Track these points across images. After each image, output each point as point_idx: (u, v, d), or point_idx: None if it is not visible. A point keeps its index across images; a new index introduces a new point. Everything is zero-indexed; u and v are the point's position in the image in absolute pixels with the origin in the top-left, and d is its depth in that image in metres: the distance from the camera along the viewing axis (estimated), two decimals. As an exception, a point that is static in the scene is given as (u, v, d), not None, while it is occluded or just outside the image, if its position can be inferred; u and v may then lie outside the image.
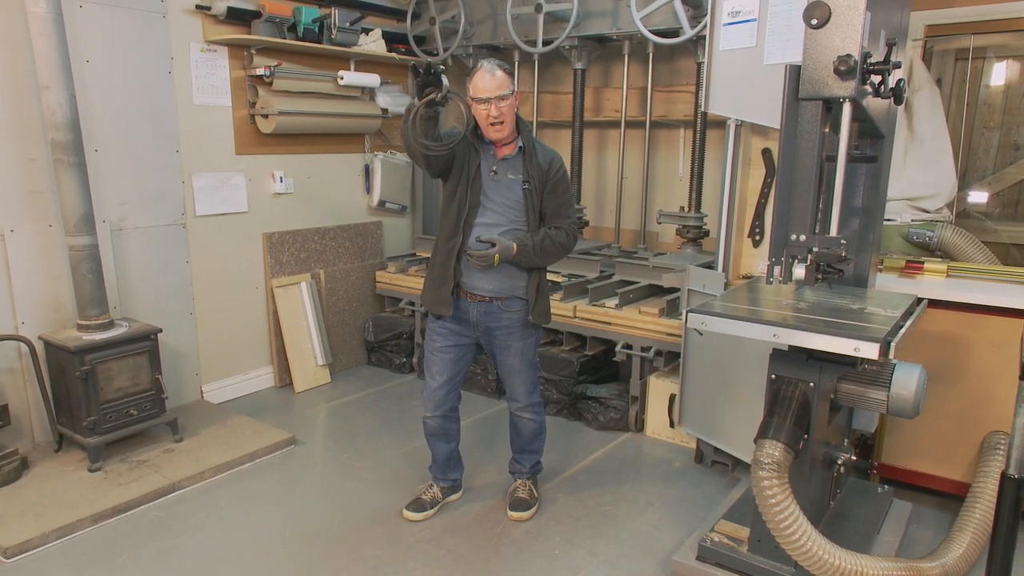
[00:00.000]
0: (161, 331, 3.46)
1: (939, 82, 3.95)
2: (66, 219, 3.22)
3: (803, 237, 2.08)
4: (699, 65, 3.77)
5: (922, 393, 2.30)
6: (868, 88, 2.07)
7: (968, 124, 4.07)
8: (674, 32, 3.71)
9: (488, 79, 2.54)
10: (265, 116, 4.08)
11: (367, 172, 4.80)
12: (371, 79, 4.47)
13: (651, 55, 4.07)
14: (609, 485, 3.26)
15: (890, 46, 2.11)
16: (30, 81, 3.18)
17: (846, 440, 2.76)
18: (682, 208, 4.05)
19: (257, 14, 3.89)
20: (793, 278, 2.11)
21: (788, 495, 2.19)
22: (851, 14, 1.94)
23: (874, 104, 2.26)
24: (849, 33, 1.95)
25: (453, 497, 3.10)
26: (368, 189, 4.82)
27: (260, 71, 4.00)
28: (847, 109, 2.03)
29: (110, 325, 3.34)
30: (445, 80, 2.42)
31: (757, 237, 3.24)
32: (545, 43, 4.14)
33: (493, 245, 2.59)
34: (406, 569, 2.62)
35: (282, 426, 3.76)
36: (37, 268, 3.33)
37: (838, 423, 2.59)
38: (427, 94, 2.42)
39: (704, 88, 3.11)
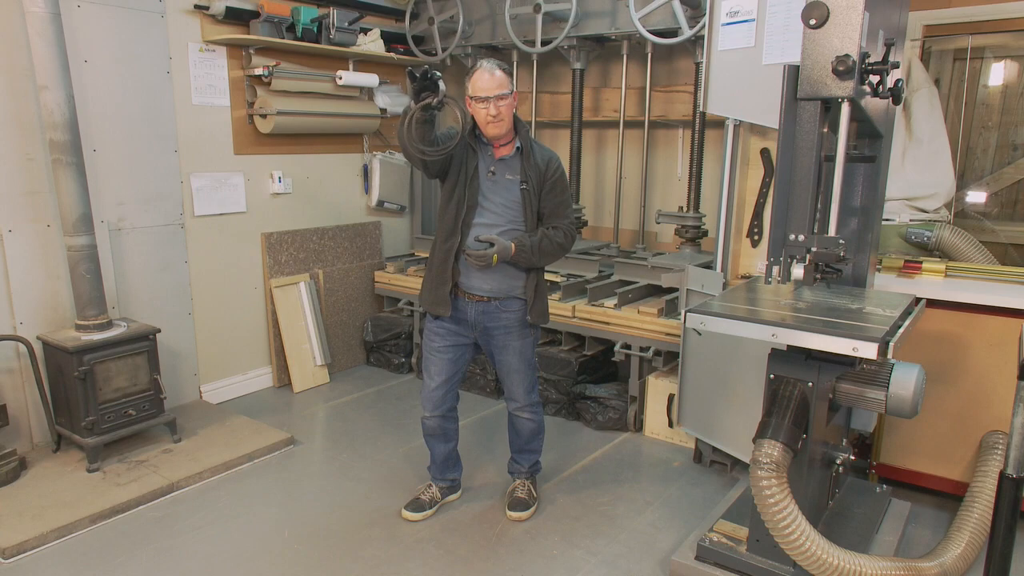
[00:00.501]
0: (160, 331, 3.46)
1: (937, 82, 3.96)
2: (64, 219, 3.22)
3: (801, 237, 2.08)
4: (698, 65, 3.77)
5: (920, 393, 2.30)
6: (866, 88, 2.07)
7: (966, 124, 4.07)
8: (672, 32, 3.71)
9: (487, 78, 2.55)
10: (263, 116, 4.08)
11: (365, 172, 4.80)
12: (370, 79, 4.47)
13: (650, 55, 4.07)
14: (608, 485, 3.26)
15: (888, 46, 2.11)
16: (28, 81, 3.17)
17: (844, 440, 2.77)
18: (681, 208, 4.05)
19: (256, 14, 3.89)
20: (792, 278, 2.11)
21: (787, 495, 2.20)
22: (849, 14, 1.94)
23: (872, 104, 2.26)
24: (847, 33, 1.95)
25: (452, 497, 3.10)
26: (367, 189, 4.82)
27: (258, 71, 4.00)
28: (845, 109, 2.03)
29: (108, 325, 3.34)
30: (442, 85, 2.42)
31: (756, 237, 3.25)
32: (544, 43, 4.14)
33: (492, 245, 2.59)
34: (405, 569, 2.62)
35: (281, 426, 3.76)
36: (35, 268, 3.32)
37: (836, 423, 2.59)
38: (423, 98, 2.42)
39: (703, 88, 3.11)
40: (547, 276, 3.94)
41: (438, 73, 2.41)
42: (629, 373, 3.79)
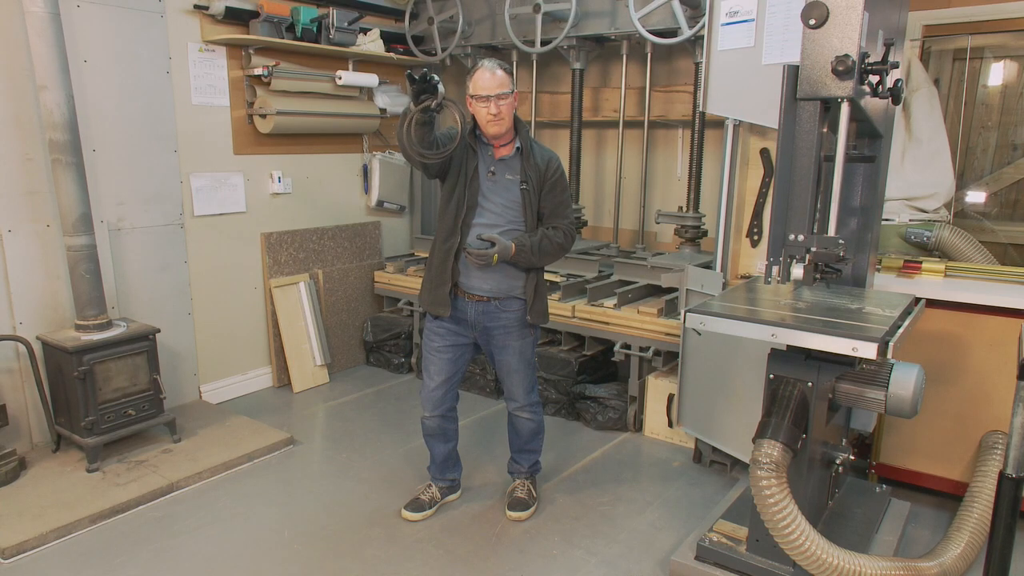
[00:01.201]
0: (159, 331, 3.45)
1: (937, 82, 3.96)
2: (64, 219, 3.22)
3: (801, 237, 2.08)
4: (697, 65, 3.77)
5: (920, 393, 2.30)
6: (866, 88, 2.07)
7: (966, 124, 4.07)
8: (672, 32, 3.71)
9: (488, 77, 2.55)
10: (263, 116, 4.08)
11: (365, 172, 4.80)
12: (369, 79, 4.47)
13: (649, 55, 4.07)
14: (608, 485, 3.26)
15: (888, 46, 2.11)
16: (28, 81, 3.17)
17: (844, 440, 2.77)
18: (680, 208, 4.05)
19: (255, 14, 3.89)
20: (791, 278, 2.11)
21: (786, 495, 2.20)
22: (849, 14, 1.94)
23: (872, 104, 2.27)
24: (847, 33, 1.95)
25: (451, 497, 3.10)
26: (366, 189, 4.82)
27: (258, 71, 4.00)
28: (845, 109, 2.03)
29: (108, 325, 3.34)
30: (441, 87, 2.42)
31: (755, 237, 3.25)
32: (543, 43, 4.14)
33: (493, 244, 2.59)
34: (404, 569, 2.62)
35: (280, 426, 3.76)
36: (35, 268, 3.32)
37: (836, 423, 2.59)
38: (422, 101, 2.42)
39: (702, 88, 3.11)
40: (547, 276, 3.94)
41: (437, 76, 2.42)
42: (629, 373, 3.79)
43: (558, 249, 2.73)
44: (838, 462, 2.58)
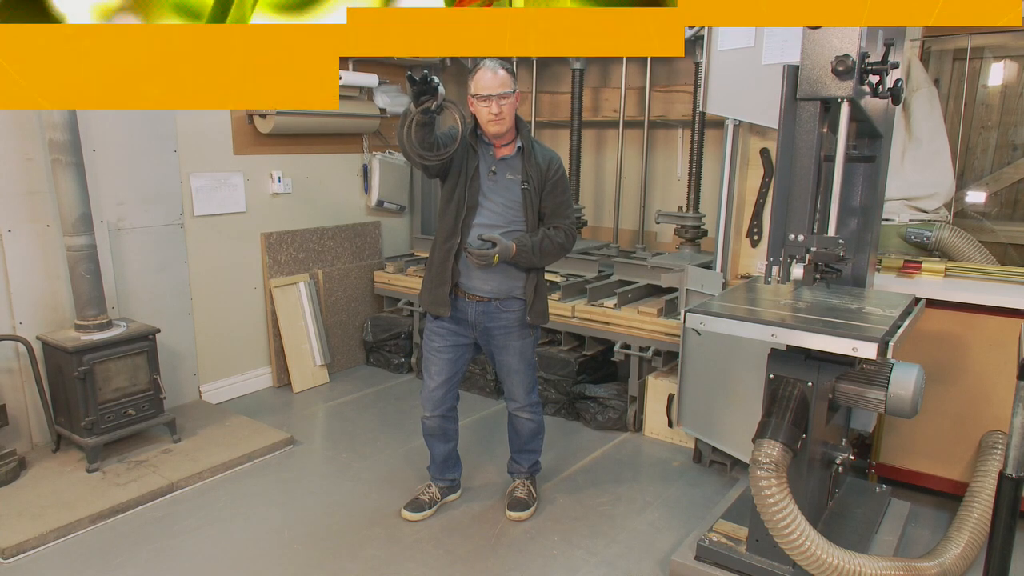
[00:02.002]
0: (159, 331, 3.45)
1: (937, 82, 3.96)
2: (64, 219, 3.22)
3: (801, 237, 2.09)
4: (697, 65, 3.77)
5: (920, 393, 2.30)
6: (866, 88, 2.07)
7: (966, 124, 4.08)
8: (672, 32, 3.71)
9: (490, 76, 2.55)
10: (263, 116, 4.08)
11: (365, 172, 4.80)
12: (369, 79, 4.46)
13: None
14: (607, 485, 3.26)
15: (888, 46, 2.11)
16: (28, 81, 3.17)
17: (844, 440, 2.77)
18: (680, 208, 4.06)
19: (255, 14, 3.89)
20: (791, 278, 2.12)
21: (786, 495, 2.20)
22: (849, 14, 1.94)
23: (872, 104, 2.27)
24: (847, 33, 1.95)
25: (451, 497, 3.10)
26: (366, 189, 4.82)
27: (258, 71, 3.99)
28: (845, 109, 2.03)
29: (108, 325, 3.34)
30: (441, 89, 2.42)
31: (755, 237, 3.25)
32: (543, 43, 4.13)
33: (494, 244, 2.59)
34: (404, 569, 2.62)
35: (280, 426, 3.76)
36: (35, 268, 3.32)
37: (836, 423, 2.59)
38: (423, 102, 2.41)
39: (702, 88, 3.11)
40: (547, 276, 3.94)
41: (437, 78, 2.41)
42: (629, 373, 3.79)
43: (559, 249, 2.73)
44: (838, 462, 2.58)
